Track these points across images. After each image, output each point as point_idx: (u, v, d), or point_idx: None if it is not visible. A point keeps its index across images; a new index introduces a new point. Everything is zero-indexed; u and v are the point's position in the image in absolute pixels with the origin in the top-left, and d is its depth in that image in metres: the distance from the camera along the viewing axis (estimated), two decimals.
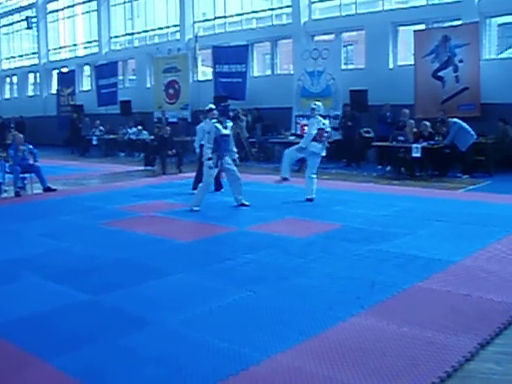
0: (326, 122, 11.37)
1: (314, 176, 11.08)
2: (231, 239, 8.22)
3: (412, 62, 17.39)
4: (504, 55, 17.22)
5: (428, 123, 14.83)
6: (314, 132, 10.90)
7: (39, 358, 4.38)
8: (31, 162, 13.23)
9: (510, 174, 13.98)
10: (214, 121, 10.59)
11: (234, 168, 10.68)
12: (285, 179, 11.04)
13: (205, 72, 24.71)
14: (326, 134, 11.04)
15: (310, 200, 10.86)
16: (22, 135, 14.00)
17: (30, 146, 13.49)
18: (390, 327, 4.76)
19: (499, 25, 17.40)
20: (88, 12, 30.44)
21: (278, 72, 22.20)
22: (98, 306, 5.51)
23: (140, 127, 22.33)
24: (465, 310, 5.12)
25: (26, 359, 4.38)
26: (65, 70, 30.65)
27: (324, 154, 11.19)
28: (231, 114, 15.27)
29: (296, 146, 11.26)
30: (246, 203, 10.66)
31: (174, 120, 22.40)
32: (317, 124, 10.96)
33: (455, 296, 5.49)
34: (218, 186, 12.31)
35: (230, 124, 10.82)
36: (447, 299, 5.42)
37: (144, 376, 4.06)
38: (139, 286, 6.07)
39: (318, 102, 11.52)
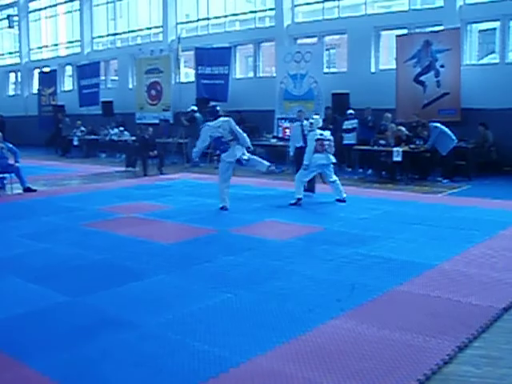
0: (326, 132, 11.37)
1: (336, 179, 11.36)
2: (212, 241, 8.20)
3: (394, 67, 17.50)
4: (484, 61, 17.40)
5: (403, 128, 14.89)
6: (313, 146, 10.99)
7: (17, 359, 4.34)
8: (11, 161, 13.11)
9: (490, 179, 14.13)
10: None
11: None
12: (299, 199, 11.05)
13: (187, 74, 24.66)
14: (326, 143, 11.11)
15: (343, 201, 11.20)
16: (0, 133, 13.79)
17: (10, 145, 13.33)
18: (369, 330, 4.79)
19: (480, 31, 17.59)
20: (70, 12, 30.21)
21: (261, 74, 22.23)
22: (78, 308, 5.47)
23: (122, 128, 22.24)
24: (444, 313, 5.16)
25: (4, 361, 4.35)
26: (46, 69, 30.38)
27: (334, 161, 11.33)
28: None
29: (302, 168, 11.22)
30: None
31: (156, 121, 22.34)
32: (314, 137, 11.05)
33: (434, 299, 5.53)
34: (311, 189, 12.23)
35: None
36: (426, 302, 5.46)
37: (124, 378, 4.04)
38: (120, 288, 6.04)
39: (315, 116, 11.63)
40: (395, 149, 14.06)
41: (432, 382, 3.96)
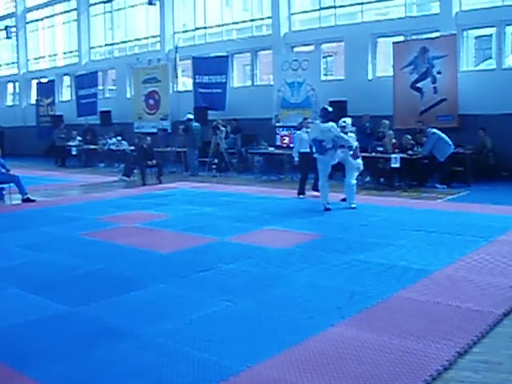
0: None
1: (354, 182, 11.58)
2: (212, 250, 8.20)
3: (391, 74, 17.56)
4: (481, 67, 17.45)
5: (409, 136, 14.98)
6: (355, 144, 11.32)
7: (17, 370, 4.34)
8: (5, 170, 13.09)
9: (488, 184, 14.14)
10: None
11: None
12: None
13: (185, 83, 24.73)
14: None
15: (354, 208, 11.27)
16: None
17: (2, 161, 13.30)
18: (369, 337, 4.78)
19: (476, 37, 17.67)
20: (68, 22, 30.37)
21: (258, 83, 22.28)
22: (77, 318, 5.47)
23: (120, 137, 22.27)
24: (443, 319, 5.16)
25: (3, 371, 4.34)
26: (44, 80, 30.48)
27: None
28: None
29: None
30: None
31: (154, 131, 22.38)
32: (354, 138, 11.39)
33: (434, 305, 5.53)
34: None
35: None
36: (426, 308, 5.46)
37: None
38: (119, 298, 6.04)
39: (347, 120, 11.75)
40: (393, 155, 14.08)
41: None
